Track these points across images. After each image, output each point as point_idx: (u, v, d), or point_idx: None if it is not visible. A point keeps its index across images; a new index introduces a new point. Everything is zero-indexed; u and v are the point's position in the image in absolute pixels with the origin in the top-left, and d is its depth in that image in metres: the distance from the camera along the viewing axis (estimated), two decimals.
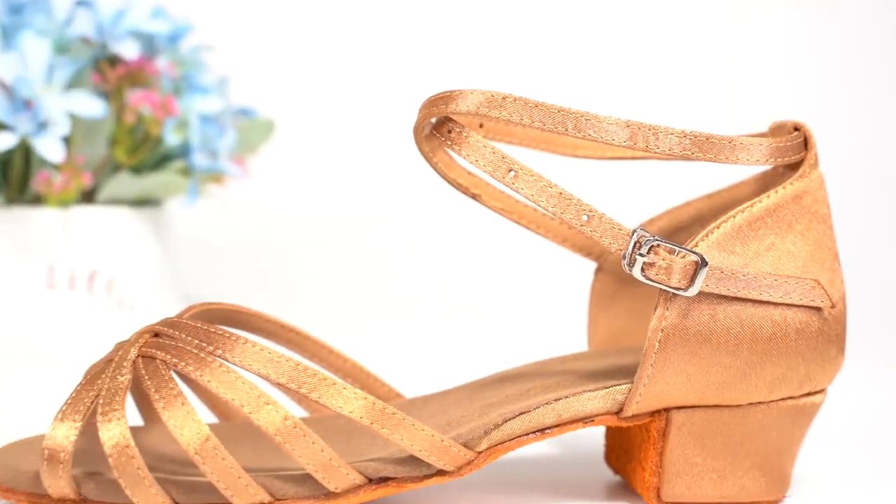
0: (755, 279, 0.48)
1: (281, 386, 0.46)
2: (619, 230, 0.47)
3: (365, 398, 0.46)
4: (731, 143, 0.48)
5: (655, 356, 0.47)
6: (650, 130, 0.47)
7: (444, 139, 0.47)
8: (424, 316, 1.05)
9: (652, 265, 0.47)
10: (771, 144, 0.49)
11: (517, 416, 0.48)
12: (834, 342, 0.50)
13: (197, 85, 0.89)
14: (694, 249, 0.47)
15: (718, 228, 0.48)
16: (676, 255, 0.47)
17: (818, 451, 0.59)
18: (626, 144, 0.47)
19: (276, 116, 0.98)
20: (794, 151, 0.50)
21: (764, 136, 0.52)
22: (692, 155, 0.48)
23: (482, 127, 0.54)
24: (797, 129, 0.51)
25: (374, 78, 1.20)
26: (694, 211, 0.55)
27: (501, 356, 0.64)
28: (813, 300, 0.49)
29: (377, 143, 1.18)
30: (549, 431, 0.49)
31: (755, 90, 1.20)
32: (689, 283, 0.47)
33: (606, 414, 0.49)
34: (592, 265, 0.58)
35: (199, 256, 1.10)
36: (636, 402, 0.48)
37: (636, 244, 0.47)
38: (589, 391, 0.49)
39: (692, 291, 0.47)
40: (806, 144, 0.51)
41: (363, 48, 1.20)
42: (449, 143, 0.47)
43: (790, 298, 0.48)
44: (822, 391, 0.51)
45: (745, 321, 0.48)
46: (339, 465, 0.46)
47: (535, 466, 0.56)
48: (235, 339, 0.46)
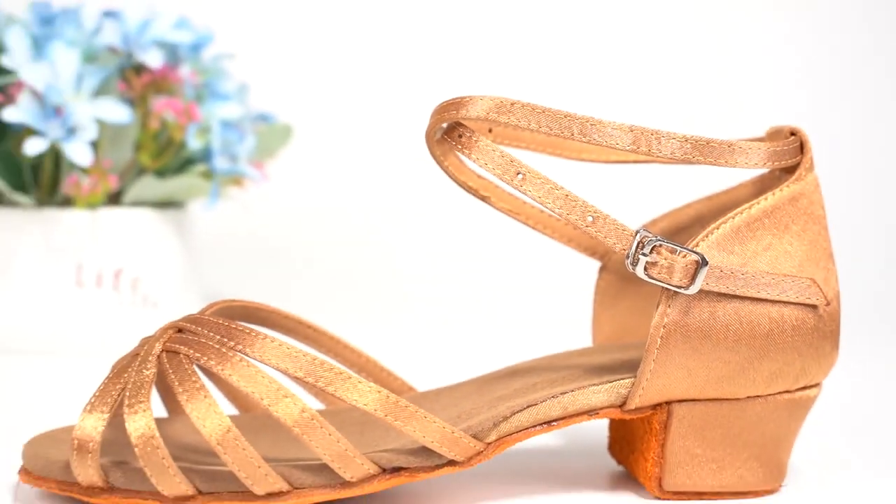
0: (753, 278, 0.48)
1: (298, 380, 0.46)
2: (622, 231, 0.47)
3: (379, 391, 0.46)
4: (730, 147, 0.48)
5: (658, 352, 0.47)
6: (652, 135, 0.47)
7: (454, 143, 0.47)
8: (436, 313, 1.05)
9: (654, 264, 0.47)
10: (768, 149, 0.49)
11: (525, 408, 0.48)
12: (828, 338, 0.50)
13: (218, 92, 0.89)
14: (695, 249, 0.47)
15: (718, 229, 0.48)
16: (678, 254, 0.47)
17: (813, 442, 0.59)
18: (629, 148, 0.47)
19: (293, 122, 0.98)
20: (790, 155, 0.50)
21: (761, 140, 0.52)
22: (693, 158, 0.48)
23: (491, 132, 0.54)
24: (793, 133, 0.51)
25: (386, 85, 1.19)
26: (694, 212, 0.55)
27: (510, 351, 0.64)
28: (809, 298, 0.49)
29: (390, 147, 1.18)
30: (555, 423, 0.48)
31: (753, 97, 1.20)
32: (689, 281, 0.47)
33: (610, 407, 0.49)
34: (597, 264, 0.57)
35: (219, 256, 1.10)
36: (639, 395, 0.48)
37: (639, 244, 0.47)
38: (594, 385, 0.49)
39: (693, 289, 0.47)
40: (802, 149, 0.51)
41: (376, 57, 1.20)
42: (459, 147, 0.47)
43: (787, 296, 0.48)
44: (816, 385, 0.51)
45: (743, 318, 0.48)
46: (354, 455, 0.46)
47: (541, 457, 0.56)
48: (255, 334, 0.46)
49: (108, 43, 0.86)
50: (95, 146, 0.84)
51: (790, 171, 0.51)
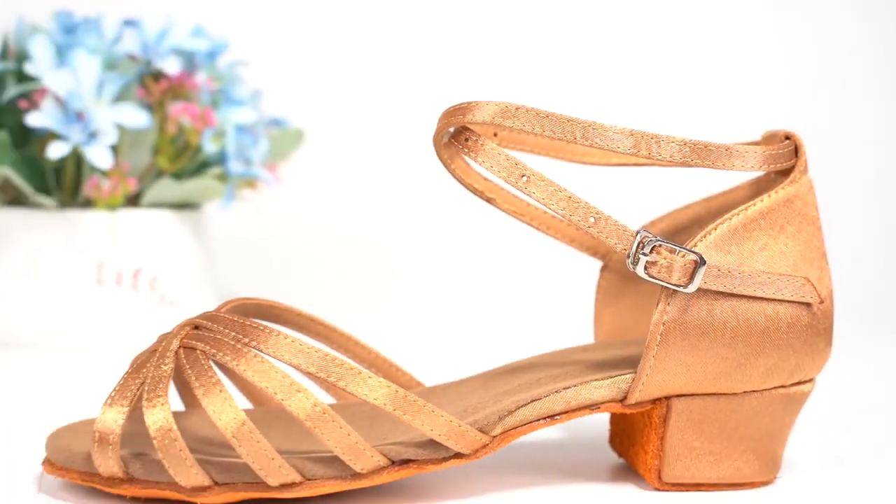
0: (750, 277, 0.48)
1: (311, 375, 0.46)
2: (623, 231, 0.47)
3: (388, 386, 0.46)
4: (727, 150, 0.48)
5: (657, 348, 0.47)
6: (652, 139, 0.47)
7: (461, 147, 0.47)
8: (444, 311, 1.05)
9: (654, 264, 0.47)
10: (764, 152, 0.49)
11: (529, 403, 0.48)
12: (822, 335, 0.50)
13: (233, 98, 0.89)
14: (693, 249, 0.47)
15: (716, 230, 0.48)
16: (677, 254, 0.47)
17: (807, 435, 0.59)
18: (630, 152, 0.47)
19: (305, 126, 0.98)
20: (785, 159, 0.50)
21: (757, 144, 0.52)
22: (691, 162, 0.48)
23: (496, 136, 0.54)
24: (788, 137, 0.51)
25: (394, 91, 1.20)
26: (693, 213, 0.55)
27: (514, 348, 0.64)
28: (803, 296, 0.49)
29: (399, 150, 1.18)
30: (558, 417, 0.48)
31: (750, 101, 1.19)
32: (688, 280, 0.47)
33: (611, 401, 0.49)
34: (598, 264, 0.57)
35: (234, 255, 1.10)
36: (639, 390, 0.48)
37: (640, 244, 0.47)
38: (595, 380, 0.49)
39: (691, 288, 0.47)
40: (796, 152, 0.50)
41: (385, 63, 1.20)
42: (466, 150, 0.47)
43: (782, 295, 0.48)
44: (811, 380, 0.51)
45: (740, 316, 0.48)
46: (364, 447, 0.46)
47: (545, 450, 0.56)
48: (269, 331, 0.46)
49: (127, 51, 0.86)
50: (115, 150, 0.84)
51: (785, 173, 0.51)
